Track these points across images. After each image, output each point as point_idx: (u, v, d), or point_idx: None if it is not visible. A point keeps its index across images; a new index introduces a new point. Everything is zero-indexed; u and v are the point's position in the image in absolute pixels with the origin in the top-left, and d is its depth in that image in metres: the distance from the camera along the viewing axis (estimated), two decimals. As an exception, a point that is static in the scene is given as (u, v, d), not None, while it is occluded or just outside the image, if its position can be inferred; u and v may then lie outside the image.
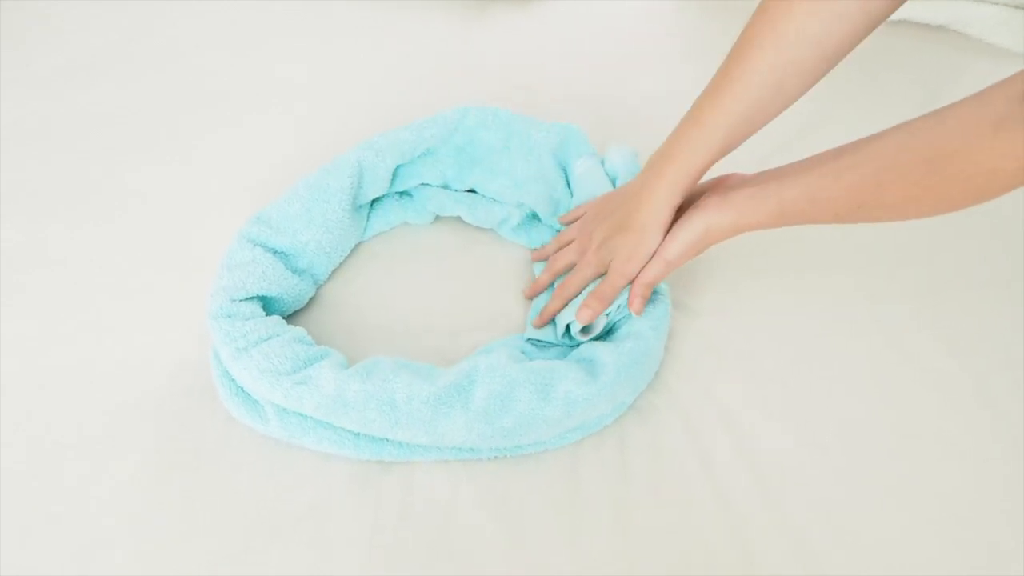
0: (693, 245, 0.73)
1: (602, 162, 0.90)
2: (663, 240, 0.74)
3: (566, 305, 0.79)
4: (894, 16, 1.15)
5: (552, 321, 0.81)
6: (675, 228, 0.74)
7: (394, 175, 0.89)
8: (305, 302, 0.84)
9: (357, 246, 0.91)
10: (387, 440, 0.71)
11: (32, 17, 1.26)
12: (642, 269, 0.75)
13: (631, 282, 0.76)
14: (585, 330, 0.78)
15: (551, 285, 0.84)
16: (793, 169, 0.69)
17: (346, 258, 0.89)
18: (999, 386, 0.76)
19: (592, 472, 0.71)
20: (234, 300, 0.75)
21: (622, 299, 0.76)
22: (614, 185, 0.86)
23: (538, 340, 0.81)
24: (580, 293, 0.79)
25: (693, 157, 0.73)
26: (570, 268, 0.82)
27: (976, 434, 0.73)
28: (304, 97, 1.10)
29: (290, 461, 0.71)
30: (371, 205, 0.92)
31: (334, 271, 0.88)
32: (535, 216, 0.92)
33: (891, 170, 0.60)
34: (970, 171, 0.55)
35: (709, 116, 0.72)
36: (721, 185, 0.76)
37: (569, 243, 0.83)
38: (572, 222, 0.86)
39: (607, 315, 0.77)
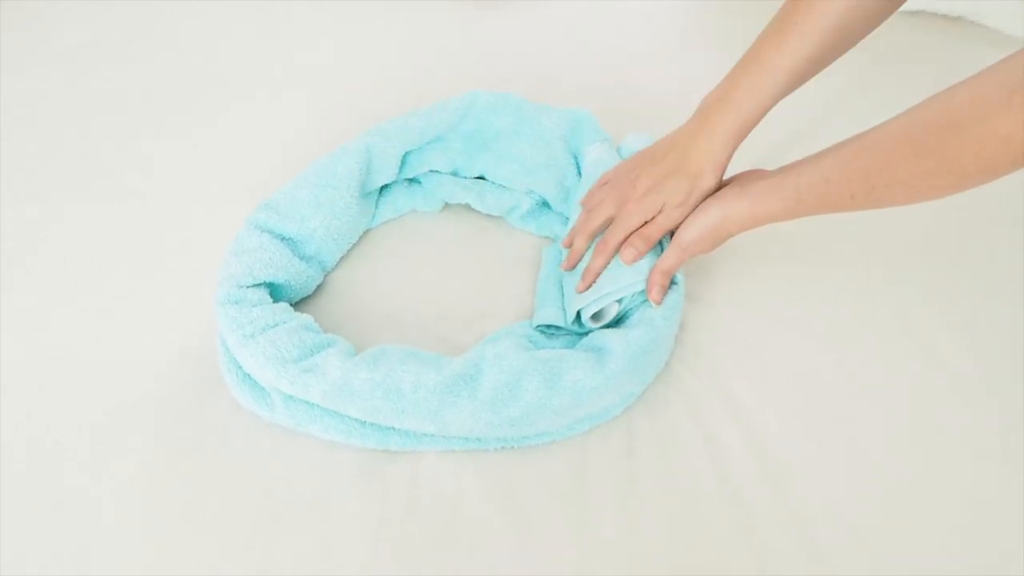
0: (709, 234, 0.73)
1: (618, 149, 0.89)
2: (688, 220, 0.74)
3: (607, 263, 0.77)
4: (911, 7, 1.14)
5: (561, 306, 0.80)
6: (691, 216, 0.74)
7: (403, 162, 0.89)
8: (313, 289, 0.84)
9: (365, 233, 0.90)
10: (393, 429, 0.70)
11: (40, 2, 1.25)
12: (660, 258, 0.75)
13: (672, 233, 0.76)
14: (596, 317, 0.78)
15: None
16: (810, 158, 0.69)
17: (354, 245, 0.89)
18: (1012, 382, 0.75)
19: (599, 464, 0.70)
20: (241, 286, 0.75)
21: (635, 287, 0.75)
22: None
23: (547, 327, 0.80)
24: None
25: (753, 99, 0.72)
26: (605, 228, 0.79)
27: (988, 430, 0.72)
28: (312, 85, 1.09)
29: (296, 451, 0.71)
30: (380, 192, 0.91)
31: (342, 258, 0.87)
32: (545, 204, 0.91)
33: (905, 142, 0.60)
34: (984, 138, 0.54)
35: (772, 58, 0.71)
36: (741, 178, 0.75)
37: (600, 203, 0.80)
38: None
39: (619, 302, 0.77)
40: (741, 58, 0.74)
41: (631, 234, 0.76)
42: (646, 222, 0.76)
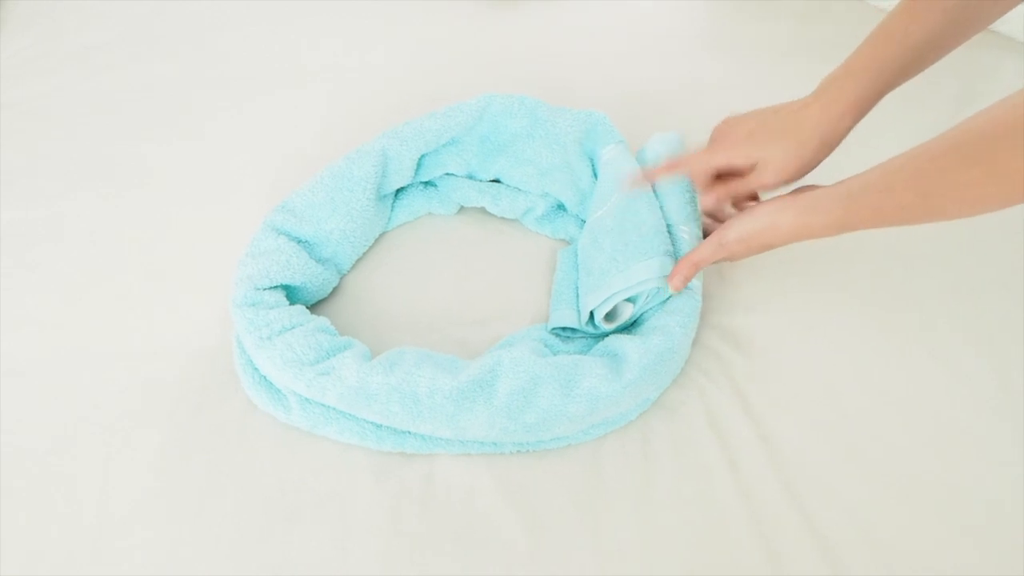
0: (752, 237, 0.70)
1: (641, 150, 0.89)
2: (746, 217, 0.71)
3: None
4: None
5: (576, 308, 0.80)
6: (739, 217, 0.72)
7: (419, 164, 0.89)
8: (329, 291, 0.84)
9: (381, 236, 0.90)
10: (409, 432, 0.71)
11: (52, 2, 1.25)
12: (695, 248, 0.73)
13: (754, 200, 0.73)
14: (609, 317, 0.78)
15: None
16: (863, 172, 0.66)
17: (370, 248, 0.89)
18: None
19: (615, 467, 0.71)
20: (258, 288, 0.75)
21: (645, 286, 0.75)
22: None
23: (562, 329, 0.80)
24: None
25: (874, 72, 0.68)
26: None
27: (1006, 438, 0.72)
28: (328, 87, 1.09)
29: (311, 450, 0.72)
30: (396, 195, 0.91)
31: (358, 261, 0.88)
32: (560, 207, 0.91)
33: (955, 149, 0.58)
34: None
35: (902, 28, 0.68)
36: (795, 190, 0.72)
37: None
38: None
39: (632, 302, 0.77)
40: (870, 33, 0.71)
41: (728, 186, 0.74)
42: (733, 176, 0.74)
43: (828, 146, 0.71)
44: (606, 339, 0.77)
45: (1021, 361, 0.77)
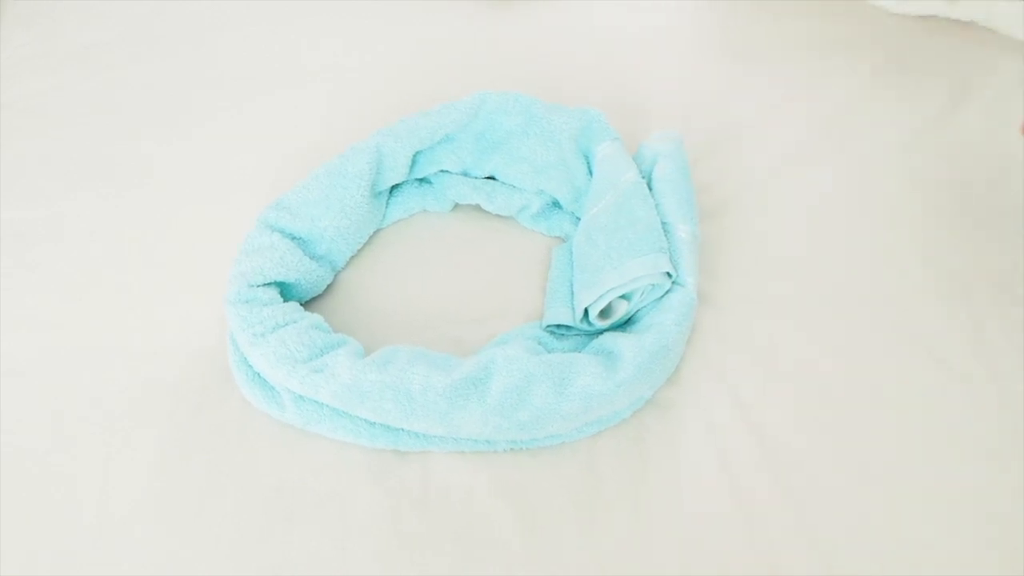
0: None
1: (641, 147, 0.89)
2: None
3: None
4: (923, 11, 1.14)
5: (571, 305, 0.80)
6: None
7: (413, 162, 0.89)
8: (323, 289, 0.84)
9: (376, 233, 0.90)
10: (403, 430, 0.71)
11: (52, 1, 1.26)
12: None
13: None
14: (603, 314, 0.78)
15: None
16: None
17: (364, 245, 0.89)
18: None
19: (610, 466, 0.71)
20: (252, 286, 0.75)
21: (638, 283, 0.75)
22: (649, 178, 0.85)
23: (556, 327, 0.80)
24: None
25: None
26: None
27: (1001, 437, 0.71)
28: (323, 85, 1.09)
29: (308, 448, 0.72)
30: (390, 192, 0.91)
31: (352, 258, 0.87)
32: (556, 204, 0.91)
33: None
34: None
35: None
36: None
37: None
38: None
39: (627, 299, 0.77)
40: None
41: None
42: None
43: None
44: (600, 337, 0.77)
45: (1020, 362, 0.76)
